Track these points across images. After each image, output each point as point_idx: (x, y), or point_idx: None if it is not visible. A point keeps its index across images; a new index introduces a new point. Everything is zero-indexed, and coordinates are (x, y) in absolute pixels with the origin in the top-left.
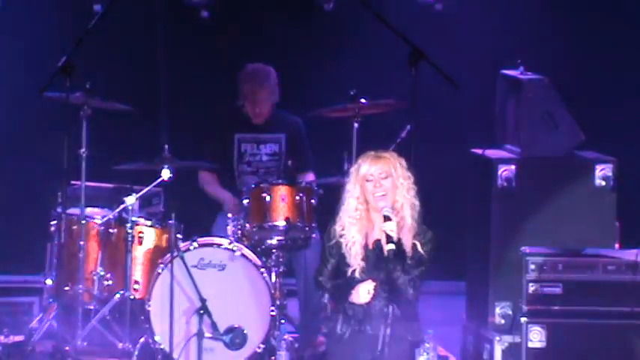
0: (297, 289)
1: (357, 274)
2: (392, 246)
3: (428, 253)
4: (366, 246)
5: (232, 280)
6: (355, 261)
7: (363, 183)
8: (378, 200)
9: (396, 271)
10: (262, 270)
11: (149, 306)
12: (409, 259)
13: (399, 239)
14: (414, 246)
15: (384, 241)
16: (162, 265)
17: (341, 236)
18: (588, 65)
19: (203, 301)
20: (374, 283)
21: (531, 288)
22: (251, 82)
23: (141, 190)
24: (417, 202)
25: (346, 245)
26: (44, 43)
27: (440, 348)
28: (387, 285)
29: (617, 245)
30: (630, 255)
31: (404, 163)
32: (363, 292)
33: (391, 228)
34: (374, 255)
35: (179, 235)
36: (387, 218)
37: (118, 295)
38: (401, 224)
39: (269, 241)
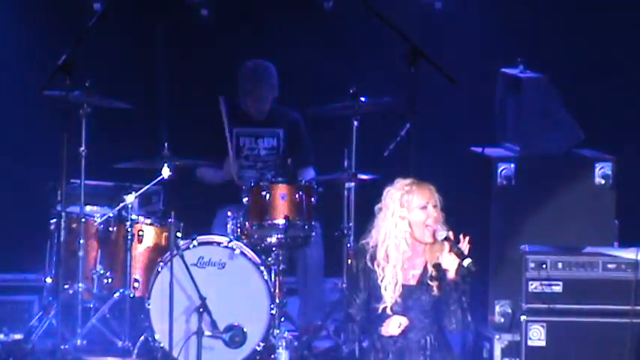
0: (297, 288)
1: (388, 311)
2: (469, 260)
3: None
4: (404, 282)
5: (232, 278)
6: (392, 297)
7: (415, 213)
8: (429, 229)
9: (452, 292)
10: (262, 268)
11: (149, 304)
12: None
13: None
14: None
15: (444, 262)
16: (161, 264)
17: (375, 271)
18: (588, 64)
19: (203, 299)
20: (406, 319)
21: (531, 286)
22: (252, 78)
23: (140, 189)
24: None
25: (382, 280)
26: (44, 42)
27: None
28: (432, 313)
29: (616, 243)
30: (630, 253)
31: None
32: (394, 325)
33: (462, 247)
34: (437, 276)
35: (179, 234)
36: (448, 239)
37: (117, 294)
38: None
39: (269, 240)
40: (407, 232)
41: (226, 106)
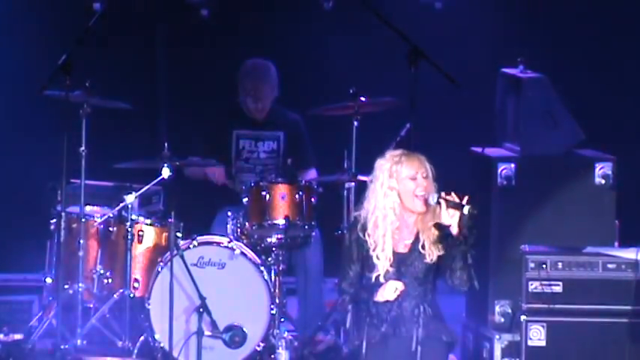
0: (297, 288)
1: (381, 279)
2: (468, 206)
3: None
4: (396, 250)
5: (232, 278)
6: (384, 265)
7: (406, 182)
8: (420, 199)
9: (461, 245)
10: (262, 268)
11: (149, 304)
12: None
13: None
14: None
15: (444, 221)
16: (161, 264)
17: (366, 241)
18: (588, 64)
19: (203, 299)
20: (402, 284)
21: (531, 286)
22: (252, 77)
23: (141, 189)
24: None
25: (374, 249)
26: (44, 42)
27: None
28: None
29: (616, 243)
30: (630, 253)
31: None
32: (389, 289)
33: (452, 198)
34: (441, 236)
35: (179, 234)
36: (439, 199)
37: (117, 294)
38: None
39: (269, 240)
40: (396, 202)
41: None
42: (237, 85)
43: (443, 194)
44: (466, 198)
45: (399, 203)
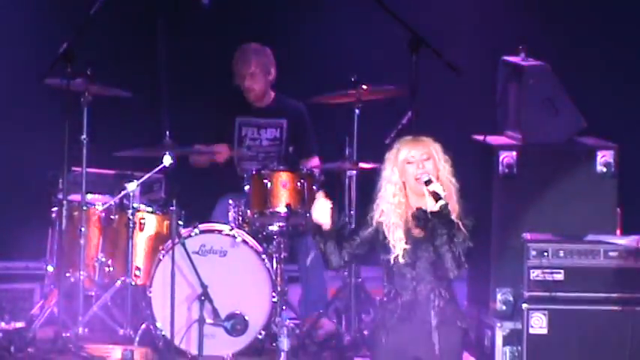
0: (299, 276)
1: (400, 259)
2: (443, 201)
3: (469, 229)
4: (407, 231)
5: (233, 266)
6: (399, 245)
7: (403, 167)
8: (423, 176)
9: (442, 235)
10: (263, 256)
11: (150, 292)
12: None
13: (447, 203)
14: (459, 225)
15: (428, 205)
16: (163, 252)
17: (380, 223)
18: (590, 52)
19: (204, 287)
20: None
21: (533, 274)
22: (241, 58)
23: (142, 177)
24: (457, 185)
25: (388, 231)
26: (45, 30)
27: None
28: (432, 266)
29: (618, 231)
30: (631, 241)
31: (440, 146)
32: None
33: (436, 187)
34: (419, 221)
35: (180, 222)
36: (429, 182)
37: (119, 282)
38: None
39: (270, 228)
40: (401, 188)
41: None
42: (233, 79)
43: (433, 178)
44: (444, 196)
45: (406, 189)
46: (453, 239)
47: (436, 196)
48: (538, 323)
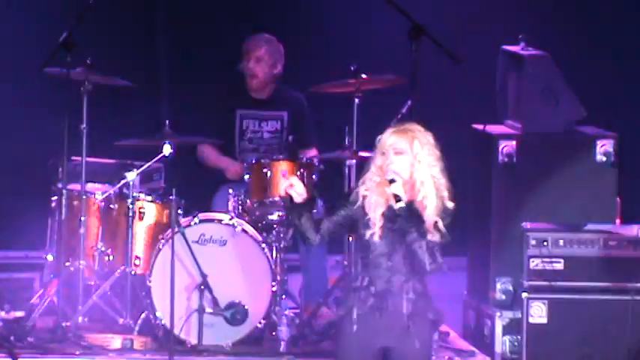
0: (299, 265)
1: (375, 238)
2: (402, 204)
3: (445, 226)
4: (384, 213)
5: (233, 255)
6: (376, 224)
7: (378, 157)
8: (388, 173)
9: (412, 232)
10: (263, 246)
11: (150, 282)
12: (429, 230)
13: (412, 201)
14: (435, 223)
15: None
16: (163, 241)
17: (364, 198)
18: (589, 41)
19: (204, 276)
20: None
21: (532, 263)
22: (254, 40)
23: (142, 166)
24: (442, 180)
25: (369, 208)
26: (45, 19)
27: None
28: (407, 257)
29: (618, 221)
30: (631, 230)
31: (429, 138)
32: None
33: (397, 188)
34: (388, 217)
35: (180, 211)
36: (391, 181)
37: (118, 271)
38: (424, 203)
39: (270, 217)
40: (374, 173)
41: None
42: (238, 63)
43: (396, 179)
44: (403, 197)
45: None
46: (425, 236)
47: (396, 197)
48: (538, 312)
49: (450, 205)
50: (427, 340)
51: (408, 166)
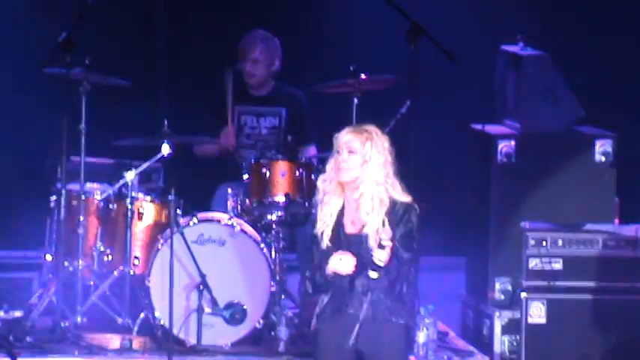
0: (298, 265)
1: (324, 244)
2: (375, 274)
3: (408, 226)
4: (336, 223)
5: (232, 255)
6: (327, 236)
7: (336, 152)
8: (339, 173)
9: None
10: (262, 246)
11: (149, 281)
12: (378, 241)
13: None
14: (382, 223)
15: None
16: (161, 241)
17: (322, 202)
18: (588, 41)
19: (203, 276)
20: (351, 256)
21: (531, 263)
22: (248, 41)
23: (140, 166)
24: (388, 180)
25: (321, 207)
26: (44, 19)
27: (440, 323)
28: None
29: (616, 221)
30: (630, 230)
31: (383, 141)
32: (335, 260)
33: (378, 256)
34: (346, 240)
35: (179, 211)
36: (373, 270)
37: (117, 271)
38: (358, 201)
39: (269, 217)
40: (329, 171)
41: (232, 78)
42: (237, 61)
43: (375, 271)
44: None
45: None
46: (401, 272)
47: (373, 265)
48: (537, 312)
49: (401, 206)
50: (397, 345)
51: (358, 166)
